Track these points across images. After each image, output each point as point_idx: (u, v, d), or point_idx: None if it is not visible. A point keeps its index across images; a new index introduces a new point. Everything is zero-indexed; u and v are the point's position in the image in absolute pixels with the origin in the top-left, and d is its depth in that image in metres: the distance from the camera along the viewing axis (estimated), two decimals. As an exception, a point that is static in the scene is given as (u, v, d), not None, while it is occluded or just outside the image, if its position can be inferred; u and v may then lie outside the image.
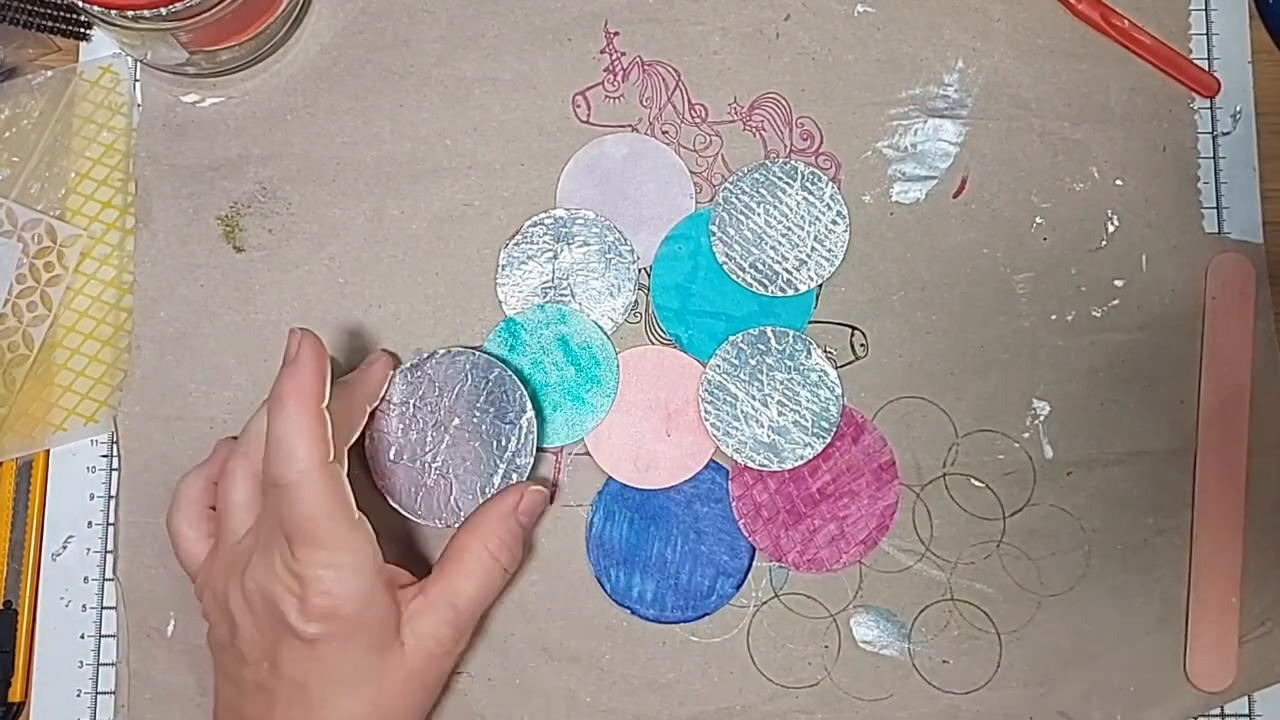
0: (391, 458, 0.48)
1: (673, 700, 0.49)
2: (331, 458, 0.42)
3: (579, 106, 0.52)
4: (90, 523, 0.50)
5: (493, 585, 0.46)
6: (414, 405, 0.48)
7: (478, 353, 0.49)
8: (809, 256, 0.51)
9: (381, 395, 0.48)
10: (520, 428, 0.48)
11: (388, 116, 0.52)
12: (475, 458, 0.48)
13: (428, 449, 0.48)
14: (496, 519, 0.46)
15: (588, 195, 0.51)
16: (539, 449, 0.49)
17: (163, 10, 0.45)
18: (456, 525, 0.47)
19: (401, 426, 0.48)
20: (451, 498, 0.48)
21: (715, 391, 0.50)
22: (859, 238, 0.51)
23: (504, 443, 0.48)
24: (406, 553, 0.49)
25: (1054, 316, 0.51)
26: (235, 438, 0.48)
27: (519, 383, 0.48)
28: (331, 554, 0.42)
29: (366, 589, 0.42)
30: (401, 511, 0.48)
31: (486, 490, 0.48)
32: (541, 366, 0.50)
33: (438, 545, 0.49)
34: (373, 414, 0.48)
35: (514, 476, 0.48)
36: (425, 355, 0.48)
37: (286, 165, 0.51)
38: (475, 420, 0.48)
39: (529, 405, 0.48)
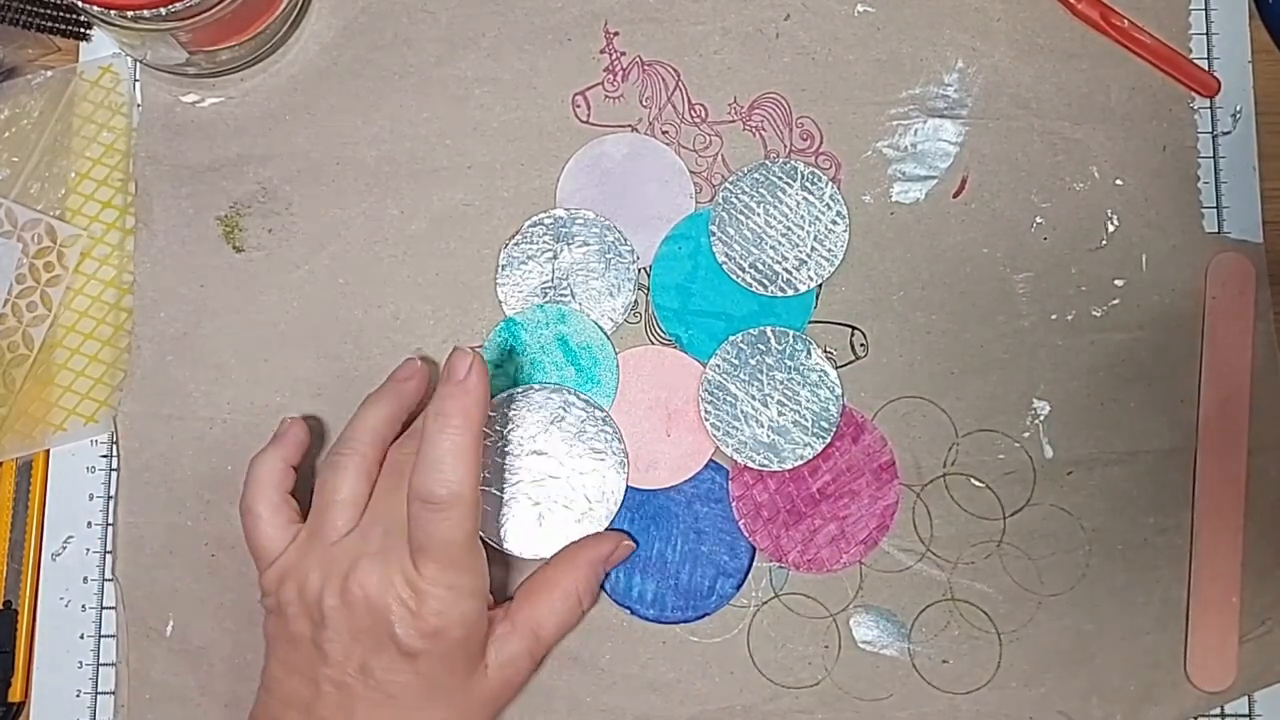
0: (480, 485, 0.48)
1: (673, 700, 0.49)
2: (479, 483, 0.42)
3: (579, 106, 0.52)
4: (90, 523, 0.50)
5: (571, 624, 0.47)
6: (506, 435, 0.48)
7: (571, 391, 0.49)
8: (809, 256, 0.51)
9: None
10: (611, 466, 0.49)
11: (388, 116, 0.52)
12: (566, 492, 0.48)
13: (516, 478, 0.48)
14: (589, 563, 0.47)
15: (588, 195, 0.51)
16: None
17: (163, 10, 0.45)
18: (537, 557, 0.48)
19: (493, 455, 0.48)
20: (540, 529, 0.48)
21: (715, 391, 0.50)
22: (859, 238, 0.51)
23: (596, 480, 0.49)
24: None
25: (1054, 316, 0.51)
26: (302, 417, 0.48)
27: (613, 422, 0.49)
28: (457, 575, 0.42)
29: (475, 613, 0.43)
30: (486, 540, 0.48)
31: (575, 526, 0.48)
32: (541, 366, 0.50)
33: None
34: None
35: (603, 513, 0.48)
36: (522, 388, 0.49)
37: (286, 165, 0.51)
38: (568, 454, 0.49)
39: (619, 444, 0.49)
